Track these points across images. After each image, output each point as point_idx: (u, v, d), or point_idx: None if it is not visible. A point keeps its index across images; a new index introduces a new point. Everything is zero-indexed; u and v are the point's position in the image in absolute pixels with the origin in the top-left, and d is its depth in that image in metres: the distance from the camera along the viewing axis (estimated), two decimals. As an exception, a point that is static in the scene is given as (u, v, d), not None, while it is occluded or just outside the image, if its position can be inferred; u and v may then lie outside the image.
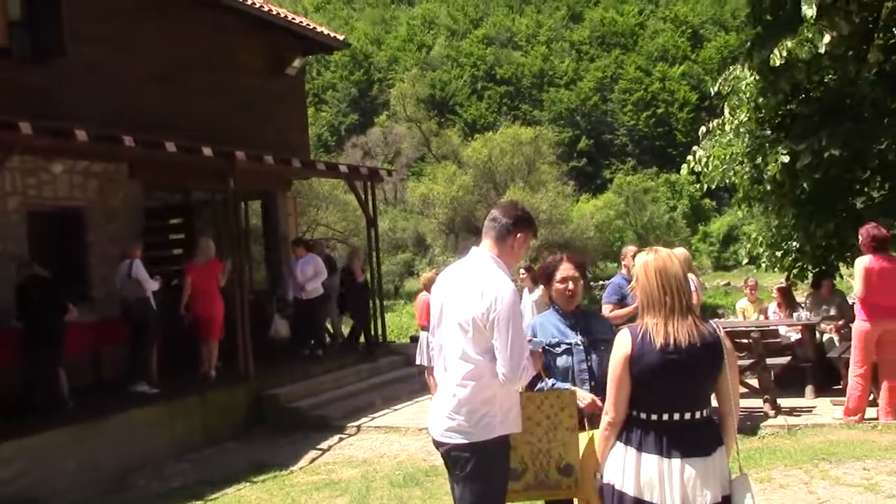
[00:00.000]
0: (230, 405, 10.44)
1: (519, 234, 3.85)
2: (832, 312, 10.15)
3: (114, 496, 8.19)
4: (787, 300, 10.68)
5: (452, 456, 3.71)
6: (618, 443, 3.35)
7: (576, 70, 71.44)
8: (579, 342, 4.25)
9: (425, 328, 10.91)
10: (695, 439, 3.26)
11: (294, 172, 14.04)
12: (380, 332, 13.84)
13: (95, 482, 8.37)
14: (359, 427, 10.33)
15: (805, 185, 10.17)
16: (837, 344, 9.86)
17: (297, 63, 14.78)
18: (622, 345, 3.33)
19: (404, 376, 12.56)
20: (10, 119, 8.08)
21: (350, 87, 69.56)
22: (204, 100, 12.75)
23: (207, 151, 10.19)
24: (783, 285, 11.06)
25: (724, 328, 3.44)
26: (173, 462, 9.25)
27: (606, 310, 8.03)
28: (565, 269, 4.39)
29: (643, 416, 3.30)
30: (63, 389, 9.23)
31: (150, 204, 12.45)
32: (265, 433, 10.38)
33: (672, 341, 3.23)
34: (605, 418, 3.37)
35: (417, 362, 11.00)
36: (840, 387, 9.11)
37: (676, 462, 3.22)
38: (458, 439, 3.65)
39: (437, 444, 3.81)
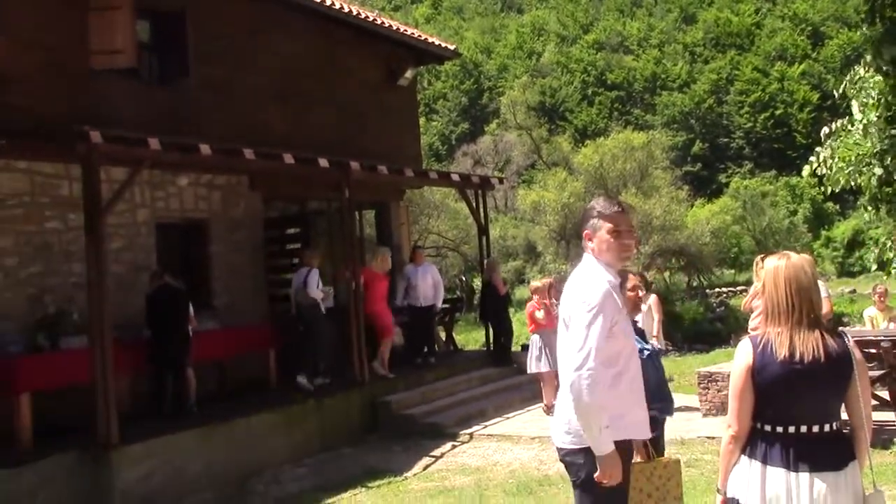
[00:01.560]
0: (345, 411, 10.65)
1: (607, 225, 3.68)
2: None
3: (234, 500, 8.47)
4: (920, 308, 10.15)
5: (566, 461, 3.69)
6: (742, 457, 3.25)
7: (689, 73, 69.77)
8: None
9: (538, 334, 10.89)
10: (824, 453, 3.14)
11: (407, 182, 14.27)
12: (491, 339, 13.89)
13: (217, 486, 8.69)
14: (471, 435, 10.38)
15: (938, 187, 9.65)
16: None
17: (409, 74, 15.00)
18: (744, 355, 3.23)
19: (516, 384, 12.53)
20: (141, 135, 8.47)
21: (460, 96, 69.95)
22: (319, 113, 13.12)
23: (323, 163, 10.45)
24: None
25: (852, 337, 3.29)
26: (291, 467, 9.50)
27: None
28: (633, 279, 4.59)
29: (768, 428, 3.20)
30: (191, 396, 9.61)
31: (268, 214, 12.85)
32: (379, 440, 10.55)
33: (797, 353, 3.11)
34: (728, 431, 3.27)
35: (530, 370, 11.06)
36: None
37: (805, 476, 3.11)
38: (571, 444, 3.62)
39: (558, 450, 3.78)
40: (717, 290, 37.15)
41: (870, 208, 10.85)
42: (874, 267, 12.93)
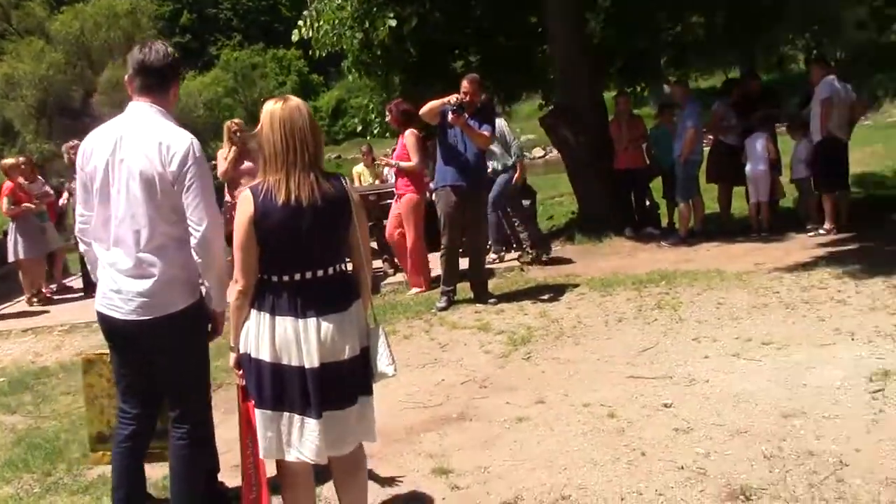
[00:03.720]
0: None
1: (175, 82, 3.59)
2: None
3: None
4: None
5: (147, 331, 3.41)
6: (252, 311, 3.15)
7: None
8: None
9: (14, 220, 9.77)
10: (330, 296, 3.15)
11: None
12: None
13: None
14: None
15: (412, 49, 10.44)
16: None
17: None
18: (245, 205, 3.10)
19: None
20: None
21: None
22: None
23: None
24: None
25: None
26: None
27: None
28: None
29: (275, 278, 3.13)
30: None
31: None
32: None
33: (293, 197, 3.05)
34: (236, 287, 3.14)
35: (11, 259, 9.90)
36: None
37: (312, 321, 3.10)
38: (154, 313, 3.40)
39: (117, 324, 3.43)
40: (213, 163, 37.14)
41: (353, 71, 11.44)
42: (360, 128, 13.83)
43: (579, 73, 10.41)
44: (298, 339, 3.09)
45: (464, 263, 7.86)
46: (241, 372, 3.21)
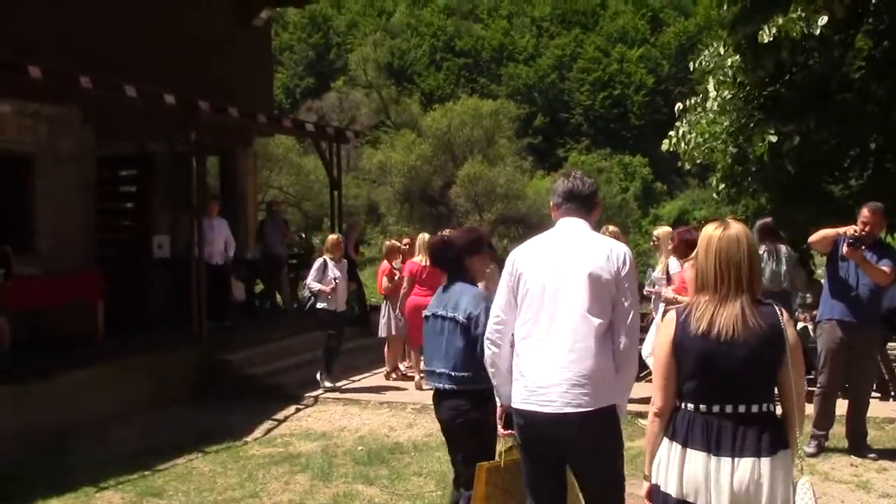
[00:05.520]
0: (180, 369, 9.87)
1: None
2: (808, 300, 9.93)
3: (56, 461, 7.60)
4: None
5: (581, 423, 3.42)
6: (664, 438, 2.96)
7: (535, 46, 70.90)
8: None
9: (387, 298, 10.46)
10: (750, 436, 2.86)
11: (258, 128, 13.37)
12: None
13: (32, 446, 7.76)
14: (316, 398, 9.85)
15: (791, 168, 9.91)
16: (812, 334, 9.63)
17: (265, 14, 14.06)
18: (667, 327, 2.98)
19: (363, 346, 12.06)
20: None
21: (307, 49, 68.01)
22: (164, 44, 11.96)
23: (170, 99, 9.53)
24: None
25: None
26: (119, 426, 8.67)
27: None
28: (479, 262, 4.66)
29: (690, 406, 2.93)
30: (3, 347, 8.62)
31: (101, 153, 11.69)
32: (217, 400, 9.79)
33: (714, 328, 2.87)
34: (651, 409, 2.99)
35: (382, 334, 10.60)
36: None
37: (726, 461, 2.83)
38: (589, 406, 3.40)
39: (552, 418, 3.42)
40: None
41: (722, 186, 11.10)
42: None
43: None
44: (708, 479, 2.84)
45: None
46: None
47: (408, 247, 10.78)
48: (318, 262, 10.18)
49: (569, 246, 3.57)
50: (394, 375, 10.61)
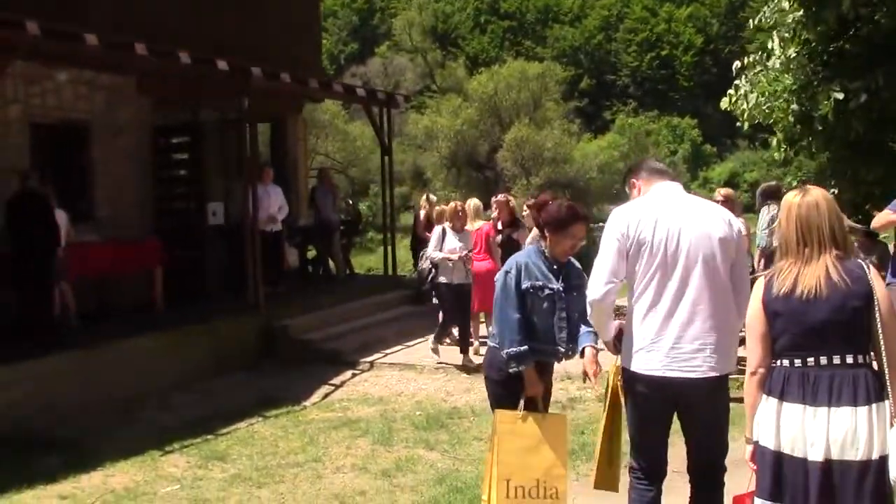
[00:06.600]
0: (239, 336, 9.96)
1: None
2: (873, 260, 9.68)
3: (122, 427, 7.73)
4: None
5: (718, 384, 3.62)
6: (762, 395, 3.06)
7: (581, 7, 69.86)
8: (560, 289, 4.33)
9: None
10: (845, 386, 2.91)
11: (309, 94, 13.34)
12: (390, 265, 13.43)
13: (97, 414, 7.89)
14: (372, 363, 9.90)
15: (858, 127, 9.57)
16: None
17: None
18: (757, 290, 3.11)
19: (417, 312, 12.08)
20: (16, 17, 7.34)
21: (351, 14, 67.88)
22: (213, 10, 11.93)
23: (222, 65, 9.50)
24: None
25: None
26: (181, 393, 8.79)
27: None
28: (579, 230, 4.34)
29: (785, 363, 3.01)
30: (69, 313, 8.75)
31: (156, 122, 11.77)
32: (275, 366, 9.92)
33: (798, 288, 2.99)
34: (747, 370, 3.10)
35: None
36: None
37: (822, 410, 2.90)
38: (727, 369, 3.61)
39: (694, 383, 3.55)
40: (599, 224, 37.66)
41: (783, 147, 10.79)
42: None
43: None
44: (805, 431, 2.91)
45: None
46: (755, 467, 3.07)
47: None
48: (436, 231, 9.81)
49: (688, 211, 3.67)
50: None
